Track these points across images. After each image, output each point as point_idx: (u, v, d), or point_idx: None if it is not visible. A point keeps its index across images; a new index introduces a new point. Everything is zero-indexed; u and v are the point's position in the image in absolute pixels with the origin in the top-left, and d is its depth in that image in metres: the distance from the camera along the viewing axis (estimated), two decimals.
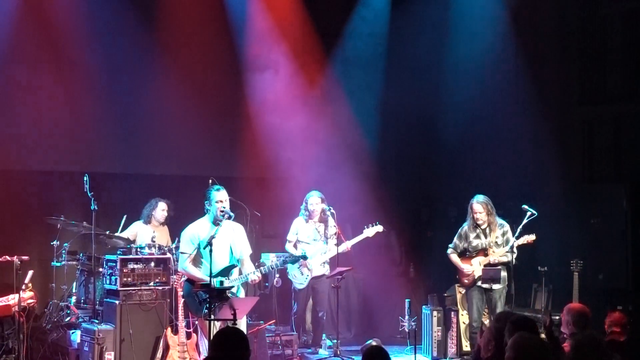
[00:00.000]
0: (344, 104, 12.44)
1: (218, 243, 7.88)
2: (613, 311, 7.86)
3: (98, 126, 11.36)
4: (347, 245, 10.31)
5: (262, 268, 8.41)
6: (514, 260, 9.38)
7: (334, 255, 10.35)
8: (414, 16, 12.46)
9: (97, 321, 9.21)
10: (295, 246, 10.53)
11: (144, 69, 11.53)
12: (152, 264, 9.23)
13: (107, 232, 10.02)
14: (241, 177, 11.78)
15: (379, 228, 10.45)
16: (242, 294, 8.14)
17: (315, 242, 10.47)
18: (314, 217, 10.51)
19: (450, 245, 9.84)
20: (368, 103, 12.49)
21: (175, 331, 8.92)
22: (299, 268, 10.40)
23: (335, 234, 10.40)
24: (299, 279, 10.47)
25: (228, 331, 5.15)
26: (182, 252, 8.10)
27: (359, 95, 12.45)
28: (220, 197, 8.02)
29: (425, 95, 12.57)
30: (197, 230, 8.05)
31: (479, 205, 9.55)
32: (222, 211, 7.96)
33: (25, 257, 9.18)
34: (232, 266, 8.06)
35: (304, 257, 9.51)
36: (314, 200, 10.45)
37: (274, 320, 10.37)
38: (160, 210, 10.64)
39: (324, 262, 10.45)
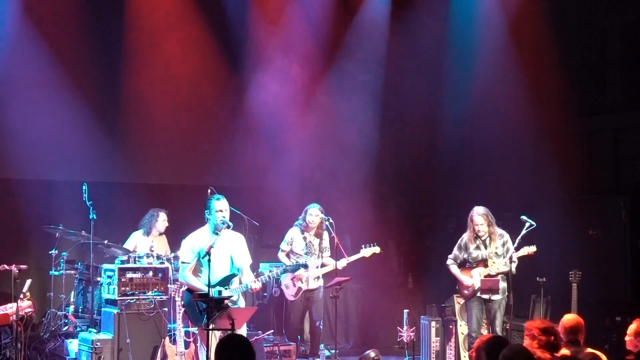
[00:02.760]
0: (342, 114, 12.45)
1: (218, 252, 7.86)
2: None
3: (97, 135, 11.38)
4: (345, 262, 10.26)
5: (261, 278, 8.40)
6: (514, 269, 9.37)
7: (332, 269, 10.32)
8: (414, 27, 12.48)
9: (94, 330, 9.20)
10: (288, 256, 10.46)
11: (143, 79, 11.55)
12: (151, 273, 9.22)
13: (106, 242, 10.01)
14: (239, 186, 11.78)
15: (376, 249, 10.37)
16: (242, 303, 8.13)
17: (308, 255, 10.41)
18: (310, 230, 10.38)
19: (449, 256, 9.83)
20: (367, 113, 12.49)
21: (174, 340, 8.90)
22: (292, 279, 10.33)
23: (330, 245, 10.37)
24: (291, 290, 10.41)
25: (234, 338, 5.12)
26: (182, 262, 8.09)
27: (358, 106, 12.46)
28: (220, 207, 8.00)
29: (425, 107, 12.60)
30: (197, 240, 8.03)
31: (479, 217, 9.53)
32: (221, 220, 7.95)
33: (23, 266, 9.18)
34: (233, 275, 8.04)
35: (305, 266, 9.47)
36: (314, 212, 10.27)
37: (272, 330, 10.35)
38: (162, 220, 10.65)
39: (318, 277, 10.38)
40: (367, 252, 10.33)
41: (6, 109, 10.86)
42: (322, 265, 10.38)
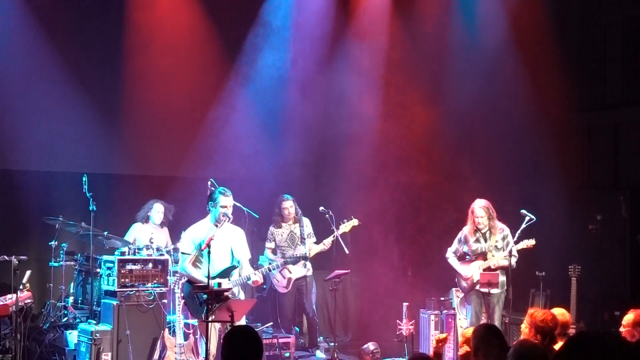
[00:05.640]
0: (344, 107, 12.44)
1: (219, 244, 7.88)
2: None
3: (97, 126, 11.36)
4: (329, 241, 10.23)
5: (260, 270, 8.41)
6: (514, 264, 9.38)
7: (314, 254, 10.38)
8: (415, 21, 12.47)
9: (94, 322, 9.20)
10: (274, 252, 10.62)
11: (143, 71, 11.53)
12: (150, 265, 9.21)
13: (105, 233, 10.01)
14: (239, 178, 11.77)
15: (354, 222, 10.38)
16: (242, 296, 8.14)
17: (293, 244, 10.51)
18: (287, 221, 10.60)
19: (449, 249, 9.84)
20: (367, 105, 12.47)
21: (173, 332, 8.91)
22: (280, 272, 10.40)
23: (312, 232, 10.53)
24: (282, 282, 10.48)
25: (241, 330, 5.07)
26: (182, 253, 8.11)
27: (358, 97, 12.45)
28: (225, 202, 8.05)
29: (426, 100, 12.58)
30: (198, 231, 8.05)
31: (480, 209, 9.54)
32: (224, 215, 7.98)
33: (23, 257, 9.17)
34: (233, 267, 8.06)
35: (305, 258, 9.51)
36: (288, 204, 10.58)
37: (271, 323, 10.36)
38: (156, 212, 10.62)
39: (304, 264, 10.45)
40: (346, 227, 10.31)
41: (6, 101, 10.85)
42: (309, 250, 10.45)
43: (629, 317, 6.96)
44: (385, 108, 12.71)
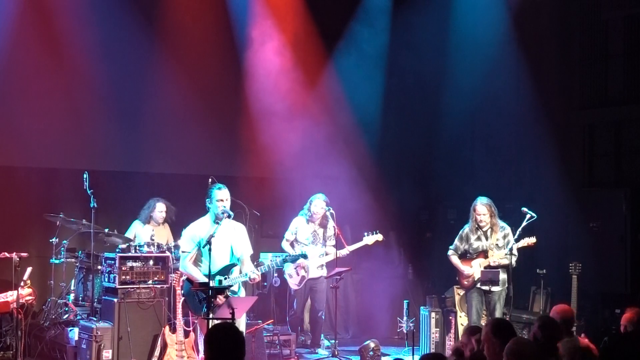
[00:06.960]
0: (344, 104, 12.43)
1: (218, 242, 7.87)
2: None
3: (98, 123, 11.35)
4: (347, 250, 10.30)
5: (261, 267, 8.41)
6: (514, 263, 9.38)
7: (333, 258, 10.37)
8: (416, 20, 12.46)
9: (95, 319, 9.21)
10: (292, 245, 10.50)
11: (145, 67, 11.54)
12: (151, 262, 9.21)
13: (106, 230, 10.01)
14: (241, 176, 11.78)
15: (379, 237, 10.43)
16: (242, 292, 8.14)
17: (313, 244, 10.44)
18: (315, 220, 10.47)
19: (450, 247, 9.84)
20: (369, 104, 12.48)
21: (173, 330, 8.92)
22: (295, 268, 10.38)
23: (333, 235, 10.42)
24: (295, 279, 10.46)
25: (225, 326, 5.07)
26: (182, 251, 8.10)
27: (360, 97, 12.44)
28: (221, 196, 8.01)
29: (427, 99, 12.58)
30: (198, 229, 8.04)
31: (482, 207, 9.55)
32: (222, 210, 7.96)
33: (24, 254, 9.19)
34: (232, 265, 8.06)
35: (304, 256, 9.48)
36: (319, 204, 10.38)
37: (272, 320, 10.36)
38: (159, 211, 10.61)
39: (321, 265, 10.43)
40: (369, 239, 10.40)
41: (8, 97, 10.85)
42: (326, 254, 10.43)
43: (628, 317, 6.94)
44: (387, 106, 12.73)
